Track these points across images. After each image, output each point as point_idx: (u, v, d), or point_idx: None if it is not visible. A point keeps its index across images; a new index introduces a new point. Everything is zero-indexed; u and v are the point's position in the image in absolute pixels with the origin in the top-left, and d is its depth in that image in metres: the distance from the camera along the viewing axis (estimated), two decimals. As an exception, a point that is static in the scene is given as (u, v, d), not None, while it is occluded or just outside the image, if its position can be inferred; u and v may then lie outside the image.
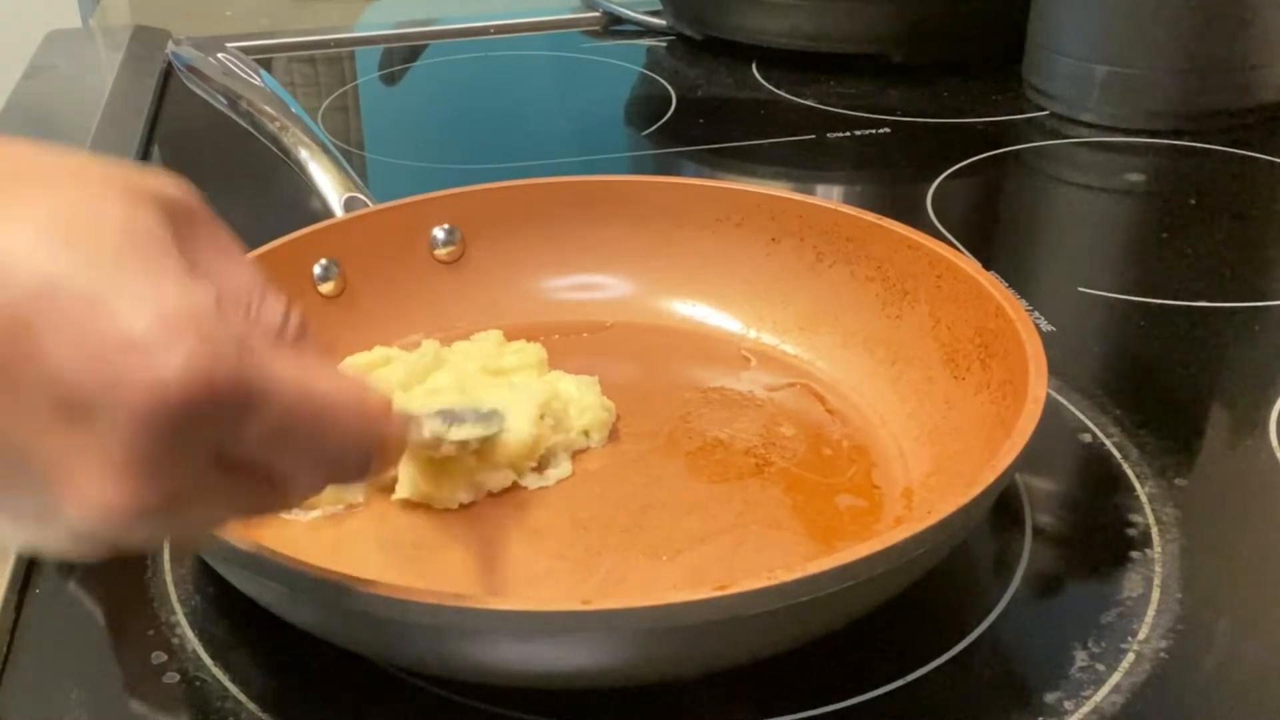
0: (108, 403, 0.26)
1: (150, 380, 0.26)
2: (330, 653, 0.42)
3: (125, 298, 0.27)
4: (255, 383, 0.28)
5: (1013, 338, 0.49)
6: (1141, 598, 0.45)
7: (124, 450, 0.27)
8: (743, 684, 0.42)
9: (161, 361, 0.26)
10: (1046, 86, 0.93)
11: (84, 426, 0.27)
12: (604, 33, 1.16)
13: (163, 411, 0.26)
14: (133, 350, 0.26)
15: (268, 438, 0.29)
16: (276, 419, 0.29)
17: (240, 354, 0.28)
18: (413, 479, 0.49)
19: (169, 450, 0.27)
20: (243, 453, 0.29)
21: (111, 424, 0.26)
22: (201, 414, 0.27)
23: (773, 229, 0.61)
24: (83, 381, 0.26)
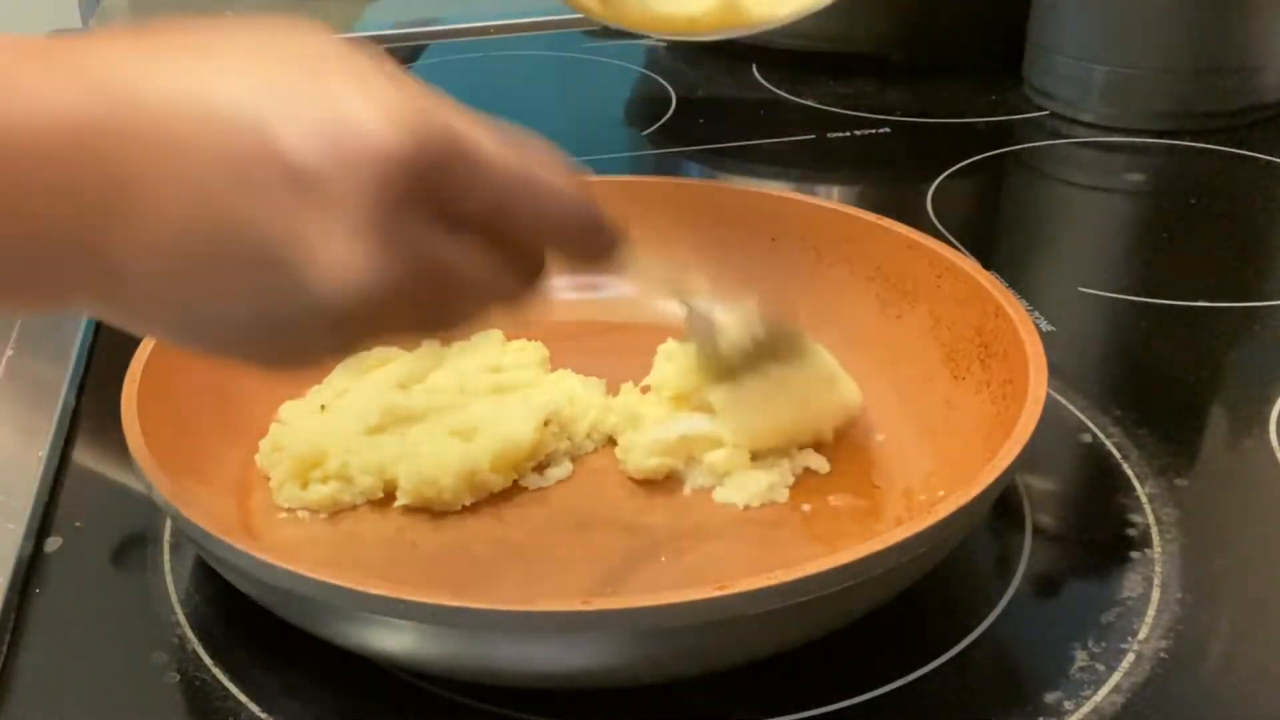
0: (339, 174, 0.30)
1: (374, 145, 0.30)
2: (330, 653, 0.42)
3: (344, 86, 0.30)
4: (468, 144, 0.31)
5: (1013, 338, 0.49)
6: (1141, 598, 0.45)
7: (361, 215, 0.30)
8: (743, 684, 0.42)
9: (382, 129, 0.30)
10: (1046, 86, 0.93)
11: (324, 203, 0.30)
12: (604, 33, 1.16)
13: (387, 171, 0.30)
14: (356, 123, 0.30)
15: (488, 196, 0.32)
16: (493, 177, 0.32)
17: (452, 124, 0.31)
18: (414, 479, 0.49)
19: (399, 210, 0.30)
20: (469, 216, 0.32)
21: (347, 193, 0.30)
22: (421, 172, 0.30)
23: (773, 229, 0.61)
24: (317, 158, 0.29)
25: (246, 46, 0.32)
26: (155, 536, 0.50)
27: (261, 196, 0.30)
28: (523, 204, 0.33)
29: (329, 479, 0.50)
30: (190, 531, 0.40)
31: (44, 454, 0.54)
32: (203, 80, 0.30)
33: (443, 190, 0.31)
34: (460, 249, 0.33)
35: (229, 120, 0.30)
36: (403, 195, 0.30)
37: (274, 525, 0.49)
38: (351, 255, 0.30)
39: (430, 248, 0.32)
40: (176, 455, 0.45)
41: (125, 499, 0.51)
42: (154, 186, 0.30)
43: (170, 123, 0.30)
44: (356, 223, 0.30)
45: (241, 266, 0.31)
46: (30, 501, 0.51)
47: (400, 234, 0.31)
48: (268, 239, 0.30)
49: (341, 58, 0.32)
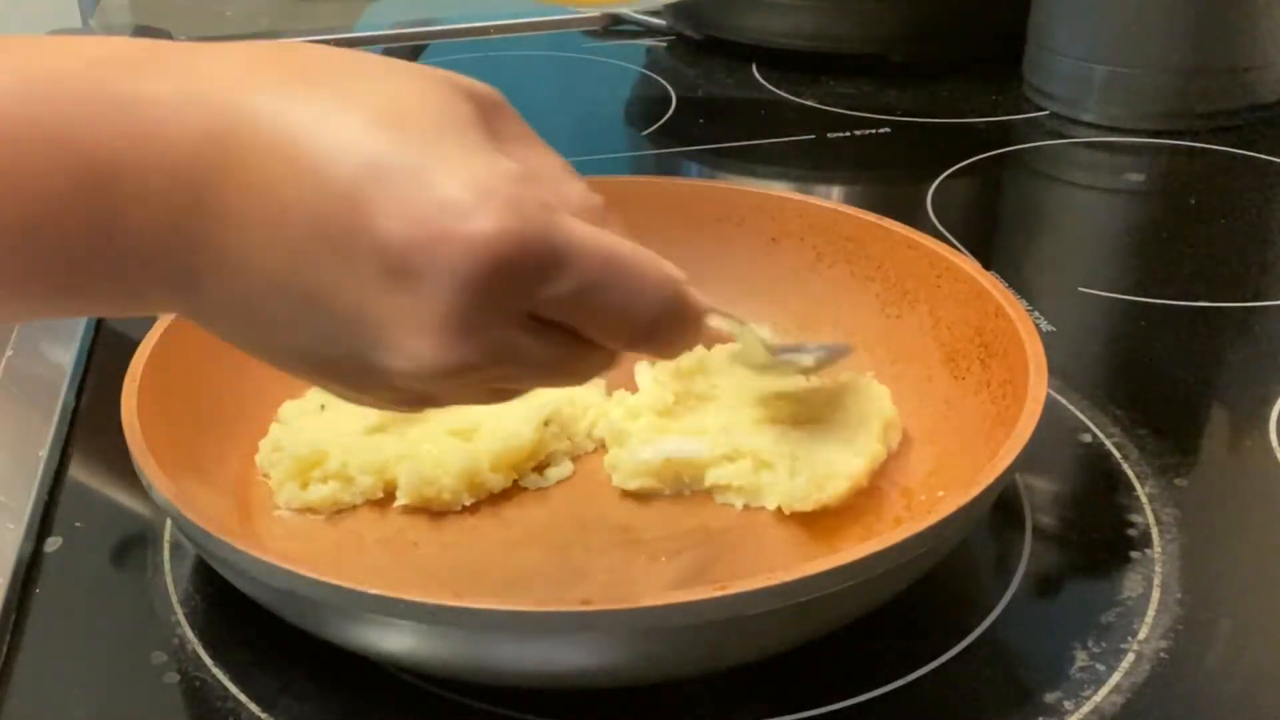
0: (428, 263, 0.29)
1: (466, 237, 0.29)
2: (330, 653, 0.42)
3: (443, 170, 0.30)
4: (560, 240, 0.31)
5: (1013, 338, 0.49)
6: (1141, 598, 0.45)
7: (443, 307, 0.30)
8: (743, 684, 0.42)
9: (475, 220, 0.29)
10: (1046, 86, 0.93)
11: (408, 288, 0.29)
12: (604, 33, 1.16)
13: (476, 267, 0.29)
14: (449, 212, 0.29)
15: (575, 296, 0.31)
16: (582, 276, 0.31)
17: (546, 215, 0.30)
18: (414, 479, 0.49)
19: (483, 305, 0.30)
20: (552, 311, 0.32)
21: (432, 282, 0.29)
22: (511, 269, 0.30)
23: (773, 229, 0.61)
24: (407, 244, 0.29)
25: (359, 91, 0.31)
26: (155, 536, 0.50)
27: (345, 267, 0.30)
28: (609, 299, 0.32)
29: (329, 479, 0.50)
30: (190, 531, 0.40)
31: (44, 454, 0.54)
32: (306, 125, 0.30)
33: (528, 282, 0.31)
34: (538, 344, 0.32)
35: (329, 182, 0.29)
36: (489, 291, 0.30)
37: (274, 525, 0.49)
38: (427, 346, 0.30)
39: (508, 342, 0.31)
40: (176, 455, 0.45)
41: (125, 499, 0.51)
42: (243, 229, 0.30)
43: (267, 163, 0.30)
44: (438, 314, 0.30)
45: (316, 324, 0.31)
46: (30, 501, 0.51)
47: (481, 328, 0.30)
48: (346, 309, 0.30)
49: (452, 122, 0.31)
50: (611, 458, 0.51)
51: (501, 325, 0.31)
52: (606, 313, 0.32)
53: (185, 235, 0.31)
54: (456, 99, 0.32)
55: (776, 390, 0.54)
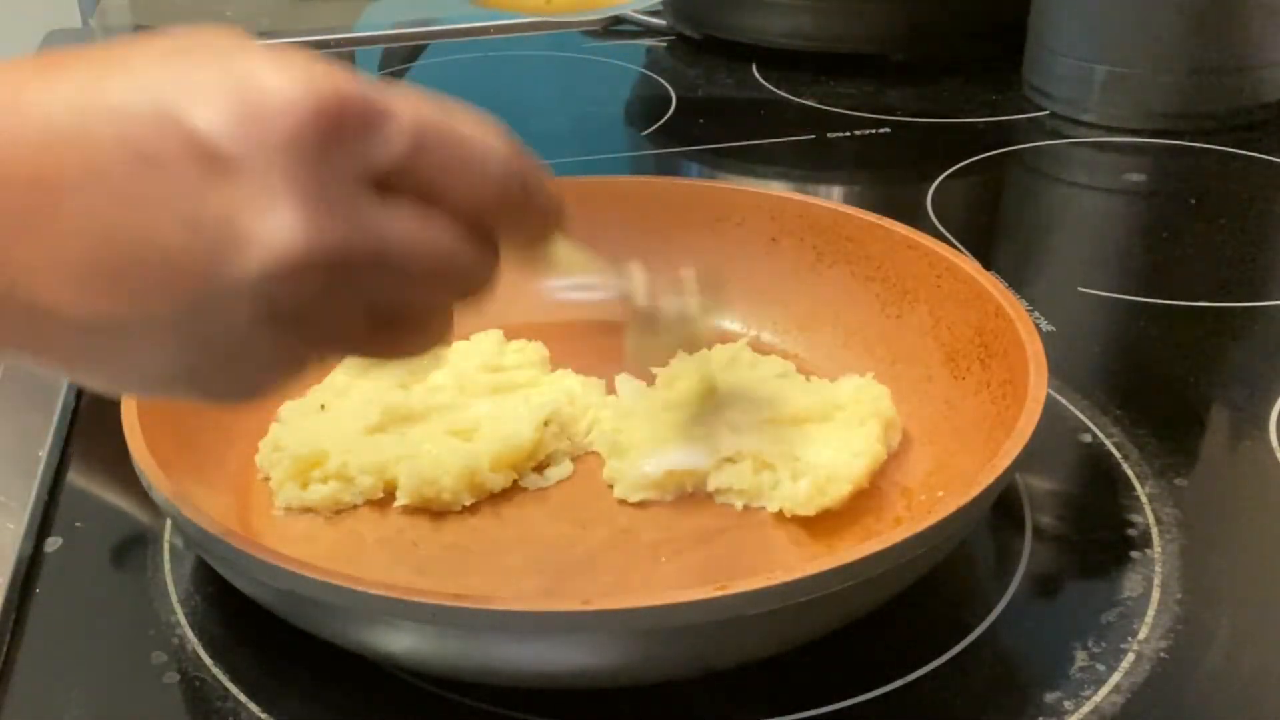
0: (248, 142, 0.28)
1: (277, 106, 0.28)
2: (330, 653, 0.42)
3: (241, 59, 0.29)
4: (377, 99, 0.30)
5: (1013, 338, 0.49)
6: (1141, 598, 0.45)
7: (281, 177, 0.28)
8: (743, 684, 0.42)
9: (283, 88, 0.29)
10: (1046, 86, 0.93)
11: (236, 176, 0.28)
12: (604, 33, 1.16)
13: (296, 129, 0.28)
14: (255, 88, 0.29)
15: (409, 154, 0.31)
16: (411, 130, 0.30)
17: (357, 81, 0.30)
18: (414, 479, 0.49)
19: (320, 168, 0.29)
20: (393, 178, 0.31)
21: (258, 161, 0.28)
22: (331, 125, 0.29)
23: (773, 229, 0.61)
24: (223, 129, 0.28)
25: (146, 49, 0.30)
26: (155, 536, 0.50)
27: (174, 179, 0.28)
28: (445, 154, 0.31)
29: (329, 479, 0.50)
30: (190, 531, 0.40)
31: (44, 454, 0.54)
32: (93, 82, 0.29)
33: (359, 140, 0.30)
34: (397, 215, 0.31)
35: (125, 109, 0.28)
36: (318, 148, 0.29)
37: (274, 525, 0.49)
38: (280, 220, 0.28)
39: (363, 213, 0.30)
40: (176, 455, 0.45)
41: (125, 499, 0.51)
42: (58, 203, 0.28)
43: (63, 132, 0.28)
44: (277, 185, 0.28)
45: (165, 260, 0.29)
46: (30, 501, 0.51)
47: (325, 191, 0.29)
48: (188, 222, 0.28)
49: (246, 46, 0.31)
50: (613, 471, 0.51)
51: (346, 190, 0.30)
52: (448, 170, 0.31)
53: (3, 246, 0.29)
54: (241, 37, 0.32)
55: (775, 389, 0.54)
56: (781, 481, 0.49)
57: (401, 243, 0.31)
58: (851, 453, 0.49)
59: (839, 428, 0.51)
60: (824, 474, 0.48)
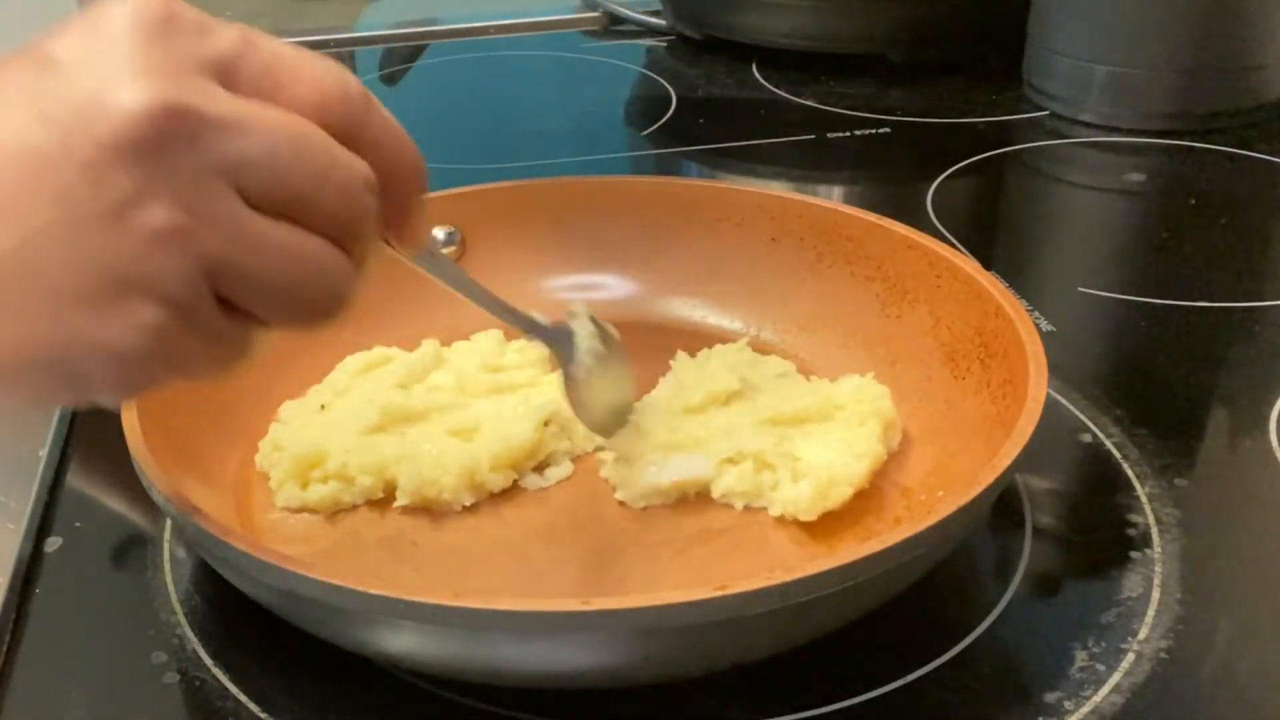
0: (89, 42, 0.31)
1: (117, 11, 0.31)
2: (330, 653, 0.42)
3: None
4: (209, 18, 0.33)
5: (1013, 338, 0.49)
6: (1141, 598, 0.45)
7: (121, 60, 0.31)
8: (743, 684, 0.42)
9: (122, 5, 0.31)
10: (1046, 86, 0.93)
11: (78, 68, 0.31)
12: (604, 33, 1.16)
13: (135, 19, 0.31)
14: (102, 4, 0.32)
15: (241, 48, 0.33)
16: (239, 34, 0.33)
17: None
18: (414, 479, 0.49)
19: (157, 48, 0.31)
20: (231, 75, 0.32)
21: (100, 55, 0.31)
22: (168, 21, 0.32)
23: (773, 229, 0.61)
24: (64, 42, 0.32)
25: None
26: (155, 536, 0.50)
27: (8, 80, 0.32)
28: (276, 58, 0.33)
29: (329, 479, 0.50)
30: (190, 531, 0.40)
31: (44, 454, 0.54)
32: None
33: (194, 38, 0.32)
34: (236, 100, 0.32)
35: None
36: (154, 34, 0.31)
37: (274, 525, 0.49)
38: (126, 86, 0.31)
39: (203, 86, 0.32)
40: (176, 455, 0.45)
41: (125, 499, 0.51)
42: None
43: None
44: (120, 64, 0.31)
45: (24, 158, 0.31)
46: (30, 501, 0.51)
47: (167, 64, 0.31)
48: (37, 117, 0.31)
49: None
50: (619, 476, 0.51)
51: (187, 68, 0.31)
52: (277, 69, 0.33)
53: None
54: None
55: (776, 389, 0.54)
56: (782, 483, 0.49)
57: (242, 115, 0.32)
58: (853, 454, 0.49)
59: (839, 428, 0.51)
60: (825, 477, 0.48)
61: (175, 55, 0.32)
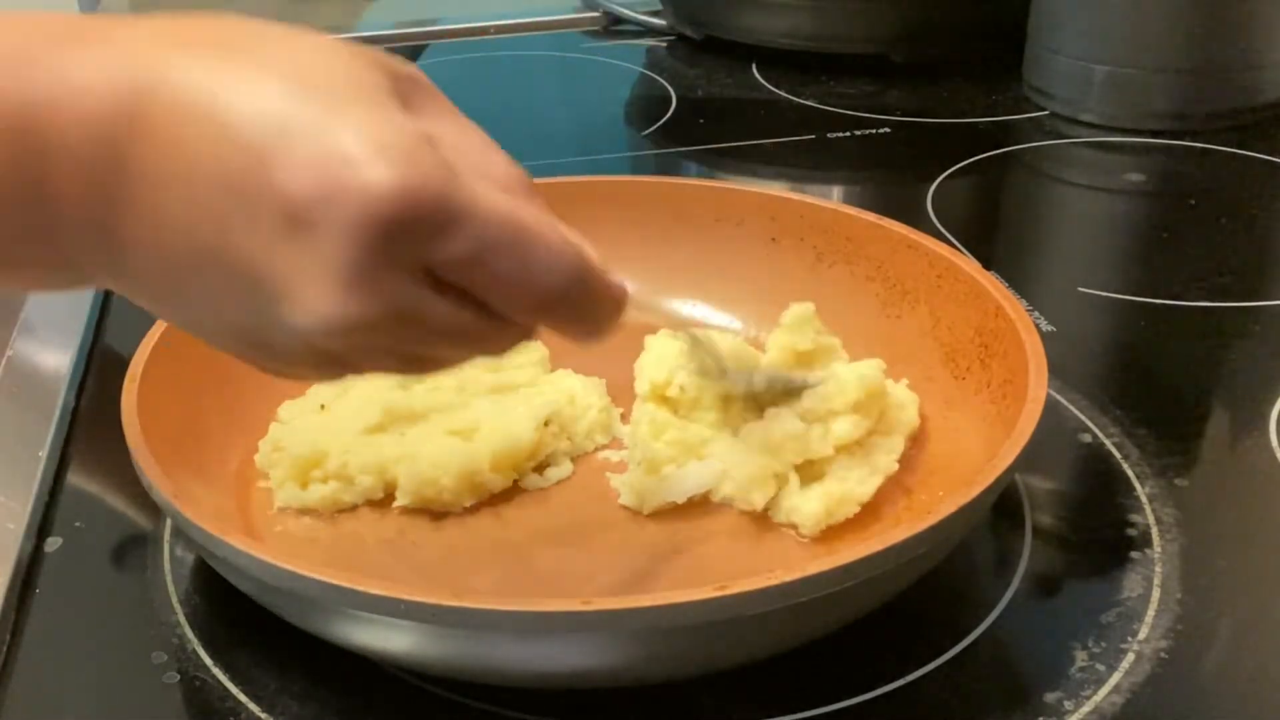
0: (325, 213, 0.30)
1: (361, 189, 0.29)
2: (330, 652, 0.42)
3: (346, 126, 0.30)
4: (459, 199, 0.31)
5: (1013, 338, 0.49)
6: (1141, 598, 0.45)
7: (339, 258, 0.30)
8: (743, 684, 0.42)
9: (372, 172, 0.29)
10: (1046, 86, 0.93)
11: (307, 239, 0.30)
12: (604, 33, 1.16)
13: (371, 219, 0.29)
14: (347, 165, 0.30)
15: (472, 256, 0.31)
16: (480, 236, 0.31)
17: (445, 173, 0.31)
18: (414, 480, 0.49)
19: (378, 259, 0.30)
20: (452, 273, 0.32)
21: (328, 233, 0.30)
22: (406, 222, 0.30)
23: (773, 229, 0.61)
24: (305, 194, 0.30)
25: (275, 58, 0.32)
26: (155, 536, 0.50)
27: (251, 221, 0.30)
28: (507, 265, 0.32)
29: (329, 479, 0.50)
30: (190, 531, 0.40)
31: (44, 454, 0.54)
32: (222, 88, 0.31)
33: (428, 239, 0.31)
34: (441, 305, 0.32)
35: (236, 138, 0.30)
36: (384, 242, 0.30)
37: (274, 525, 0.49)
38: (325, 297, 0.30)
39: (409, 300, 0.31)
40: (176, 455, 0.45)
41: (125, 499, 0.51)
42: (160, 187, 0.31)
43: (182, 123, 0.31)
44: (334, 265, 0.30)
45: (226, 280, 0.32)
46: (30, 501, 0.51)
47: (378, 281, 0.30)
48: (251, 264, 0.31)
49: (363, 88, 0.32)
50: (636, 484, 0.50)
51: (400, 281, 0.31)
52: (506, 278, 0.32)
53: (108, 196, 0.31)
54: (369, 68, 0.33)
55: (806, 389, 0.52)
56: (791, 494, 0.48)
57: (435, 326, 0.33)
58: (869, 468, 0.49)
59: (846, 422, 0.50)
60: (836, 494, 0.47)
61: (395, 262, 0.31)
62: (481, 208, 0.31)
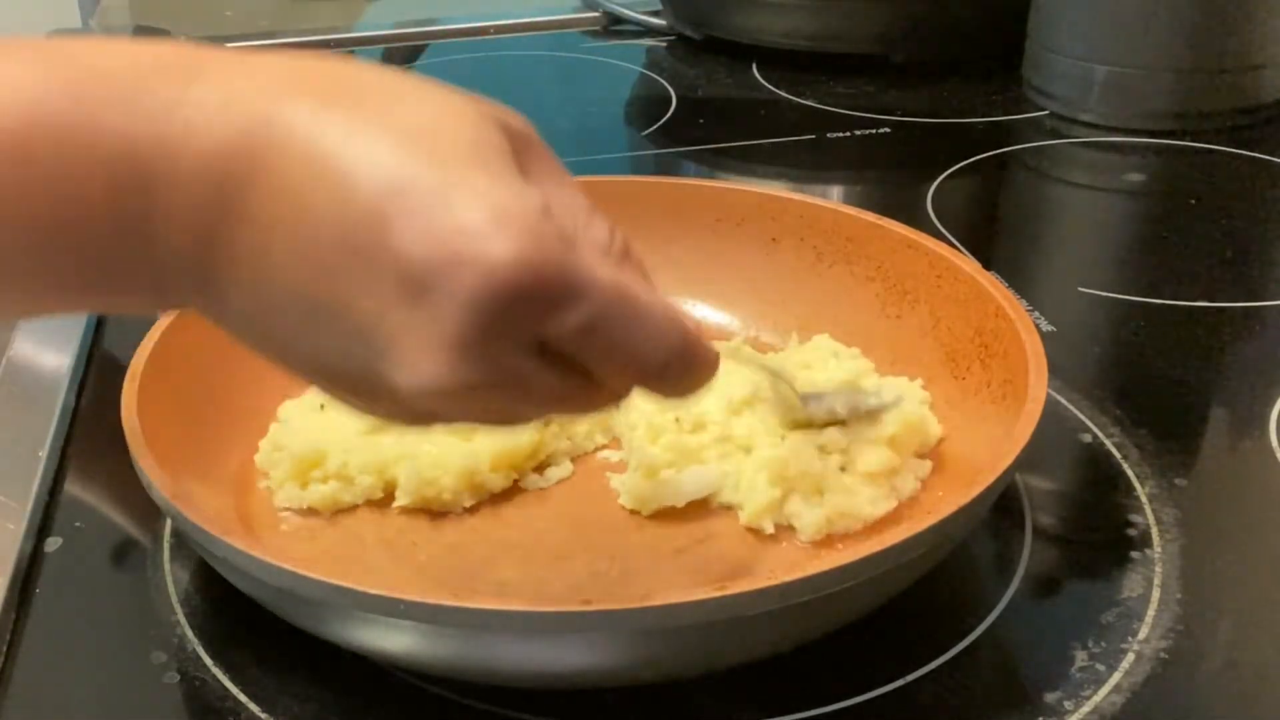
0: (444, 281, 0.29)
1: (482, 261, 0.29)
2: (330, 652, 0.42)
3: (468, 193, 0.30)
4: (576, 275, 0.31)
5: (1013, 338, 0.49)
6: (1141, 598, 0.45)
7: (453, 326, 0.30)
8: (743, 684, 0.42)
9: (494, 245, 0.29)
10: (1046, 86, 0.93)
11: (422, 304, 0.30)
12: (604, 33, 1.16)
13: (490, 291, 0.29)
14: (469, 235, 0.29)
15: (585, 330, 0.31)
16: (594, 311, 0.31)
17: (564, 247, 0.31)
18: (414, 479, 0.49)
19: (492, 329, 0.30)
20: (562, 343, 0.32)
21: (445, 301, 0.29)
22: (524, 296, 0.30)
23: (773, 229, 0.61)
24: (425, 261, 0.29)
25: (394, 111, 0.31)
26: (155, 536, 0.50)
27: (364, 280, 0.30)
28: (618, 337, 0.32)
29: (329, 479, 0.50)
30: (190, 531, 0.40)
31: (44, 454, 0.54)
32: (340, 140, 0.30)
33: (540, 312, 0.31)
34: (545, 374, 0.32)
35: (355, 196, 0.30)
36: (500, 316, 0.30)
37: (274, 525, 0.49)
38: (433, 364, 0.30)
39: (515, 369, 0.31)
40: (176, 455, 0.45)
41: (125, 499, 0.51)
42: (268, 234, 0.31)
43: (298, 173, 0.30)
44: (447, 334, 0.30)
45: (329, 330, 0.31)
46: (30, 501, 0.51)
47: (488, 351, 0.30)
48: (360, 321, 0.31)
49: (481, 149, 0.31)
50: (634, 487, 0.50)
51: (510, 351, 0.31)
52: (615, 350, 0.32)
53: (213, 237, 0.31)
54: (488, 128, 0.32)
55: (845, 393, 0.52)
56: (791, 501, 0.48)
57: (536, 391, 0.32)
58: (883, 492, 0.48)
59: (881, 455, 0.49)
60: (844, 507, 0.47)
61: (505, 335, 0.30)
62: (594, 281, 0.31)
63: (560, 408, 0.35)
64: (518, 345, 0.31)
